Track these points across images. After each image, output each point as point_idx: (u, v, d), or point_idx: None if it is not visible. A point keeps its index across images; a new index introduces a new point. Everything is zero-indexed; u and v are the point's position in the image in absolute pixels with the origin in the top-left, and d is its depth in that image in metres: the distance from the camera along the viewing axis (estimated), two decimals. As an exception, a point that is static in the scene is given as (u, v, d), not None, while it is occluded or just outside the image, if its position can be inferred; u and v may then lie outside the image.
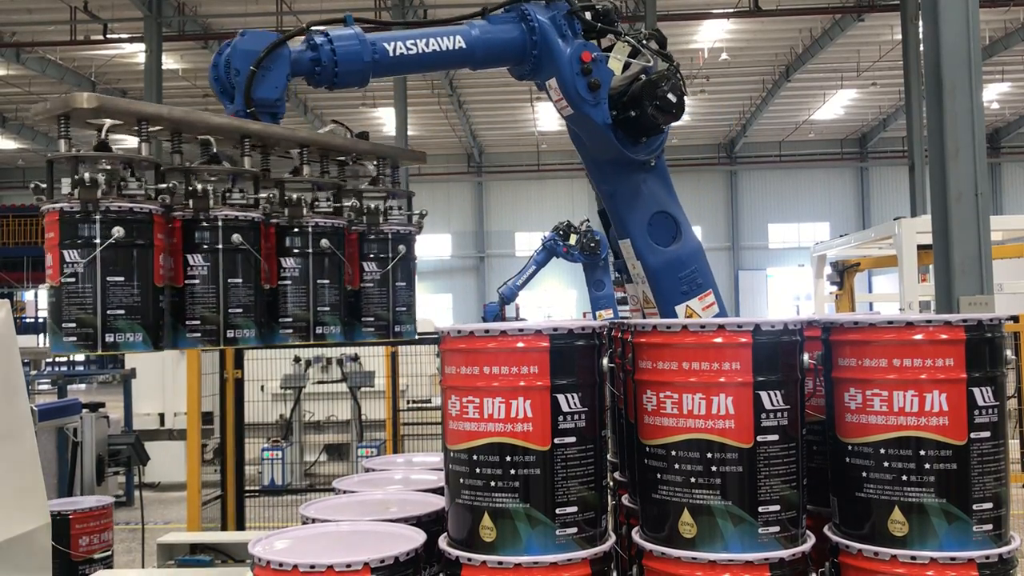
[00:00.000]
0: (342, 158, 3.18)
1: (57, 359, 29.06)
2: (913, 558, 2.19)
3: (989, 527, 2.22)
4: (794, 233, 38.57)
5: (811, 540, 2.32)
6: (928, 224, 7.18)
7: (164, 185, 2.68)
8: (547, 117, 33.37)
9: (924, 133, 9.75)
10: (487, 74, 28.93)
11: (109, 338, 2.65)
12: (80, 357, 33.08)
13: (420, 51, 3.19)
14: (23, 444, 3.96)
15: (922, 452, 2.21)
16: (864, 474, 2.28)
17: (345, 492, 3.07)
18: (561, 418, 2.26)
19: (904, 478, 2.22)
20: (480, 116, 34.15)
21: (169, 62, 25.34)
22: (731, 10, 22.82)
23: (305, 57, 3.03)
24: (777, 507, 2.23)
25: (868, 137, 38.09)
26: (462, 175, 39.25)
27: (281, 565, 2.19)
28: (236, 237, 2.81)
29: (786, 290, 37.93)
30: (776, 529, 2.23)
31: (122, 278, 2.68)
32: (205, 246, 2.79)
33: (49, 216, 2.60)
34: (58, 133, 2.63)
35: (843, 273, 12.98)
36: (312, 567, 2.17)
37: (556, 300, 36.41)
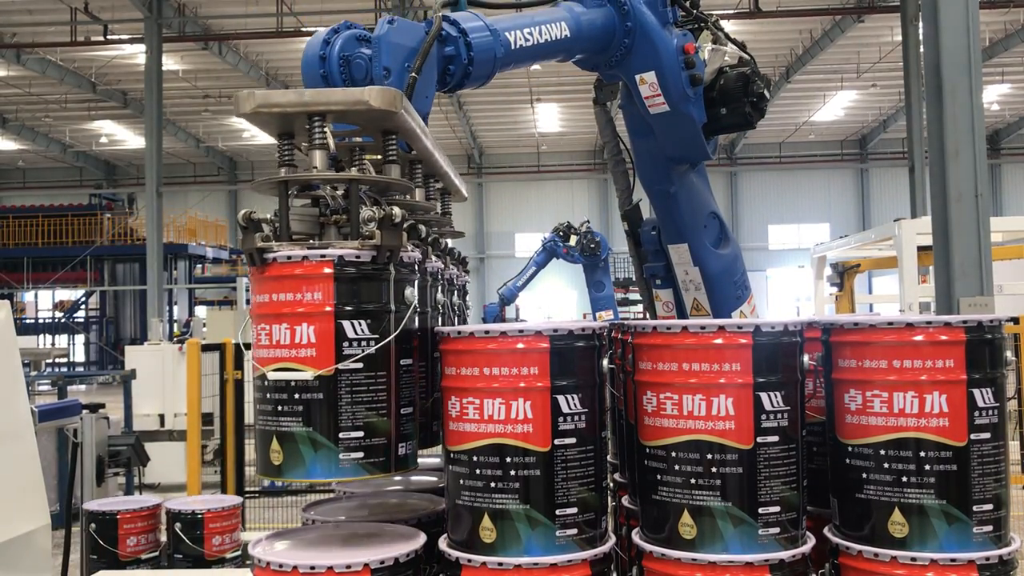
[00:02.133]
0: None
1: (57, 359, 29.14)
2: (913, 559, 2.19)
3: (989, 528, 2.21)
4: (794, 234, 38.57)
5: (811, 541, 2.32)
6: (928, 225, 7.18)
7: (419, 225, 2.14)
8: (547, 119, 33.37)
9: (924, 134, 9.74)
10: (487, 75, 28.89)
11: (402, 450, 2.10)
12: (80, 357, 33.17)
13: (535, 42, 2.83)
14: (23, 445, 3.96)
15: (922, 453, 2.20)
16: (864, 475, 2.27)
17: (345, 493, 3.07)
18: (561, 419, 2.25)
19: (904, 479, 2.21)
20: (480, 117, 34.15)
21: (169, 63, 25.35)
22: (731, 11, 22.80)
23: (439, 54, 2.54)
24: (777, 508, 2.23)
25: (868, 138, 38.10)
26: (462, 176, 39.10)
27: (281, 566, 2.19)
28: (441, 297, 2.39)
29: (786, 291, 37.91)
30: (776, 530, 2.22)
31: (410, 361, 2.15)
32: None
33: (307, 267, 1.99)
34: (310, 139, 1.99)
35: (843, 274, 12.98)
36: (312, 568, 2.16)
37: (556, 301, 36.40)
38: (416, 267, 2.23)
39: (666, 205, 3.46)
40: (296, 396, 2.02)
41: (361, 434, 2.01)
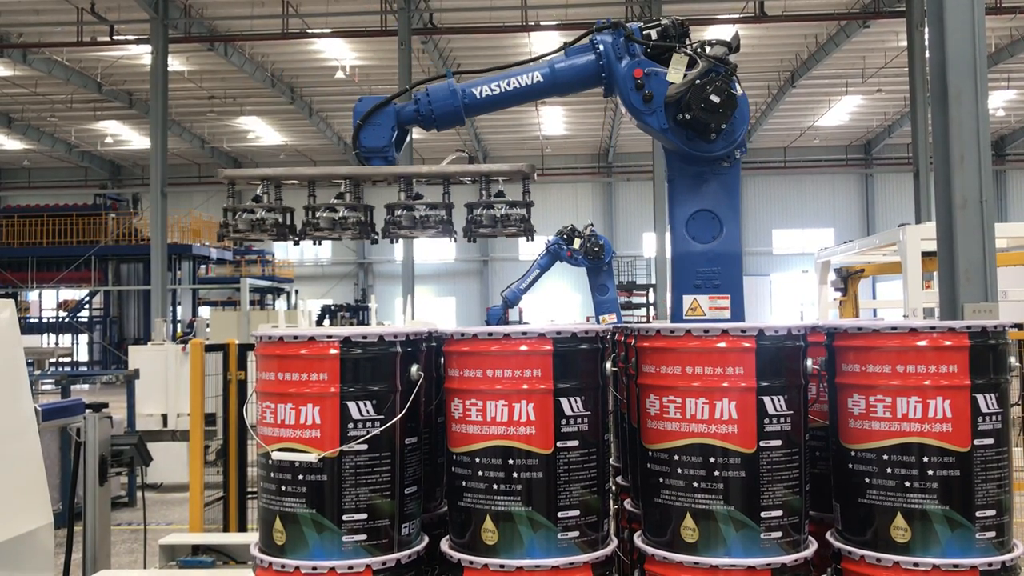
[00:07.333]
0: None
1: (61, 358, 29.18)
2: (916, 565, 2.18)
3: (992, 534, 2.21)
4: (798, 239, 38.54)
5: (813, 546, 2.32)
6: (932, 231, 7.16)
7: None
8: (551, 122, 33.37)
9: (929, 140, 9.72)
10: (492, 78, 28.93)
11: (405, 530, 2.12)
12: (83, 356, 33.23)
13: (504, 90, 3.68)
14: (26, 444, 3.97)
15: (925, 458, 2.20)
16: (867, 480, 2.27)
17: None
18: (564, 422, 2.26)
19: (907, 484, 2.21)
20: (485, 120, 34.13)
21: (175, 64, 25.40)
22: (736, 16, 22.81)
23: (408, 109, 3.72)
24: (780, 512, 2.23)
25: (873, 143, 38.06)
26: (466, 179, 39.26)
27: (283, 566, 2.19)
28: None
29: (790, 296, 37.86)
30: (778, 534, 2.22)
31: (415, 439, 2.18)
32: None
33: (313, 348, 2.01)
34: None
35: (847, 279, 12.95)
36: (314, 568, 2.17)
37: (560, 304, 36.38)
38: (421, 343, 2.24)
39: (668, 189, 3.90)
40: (300, 477, 2.06)
41: (364, 516, 2.04)
